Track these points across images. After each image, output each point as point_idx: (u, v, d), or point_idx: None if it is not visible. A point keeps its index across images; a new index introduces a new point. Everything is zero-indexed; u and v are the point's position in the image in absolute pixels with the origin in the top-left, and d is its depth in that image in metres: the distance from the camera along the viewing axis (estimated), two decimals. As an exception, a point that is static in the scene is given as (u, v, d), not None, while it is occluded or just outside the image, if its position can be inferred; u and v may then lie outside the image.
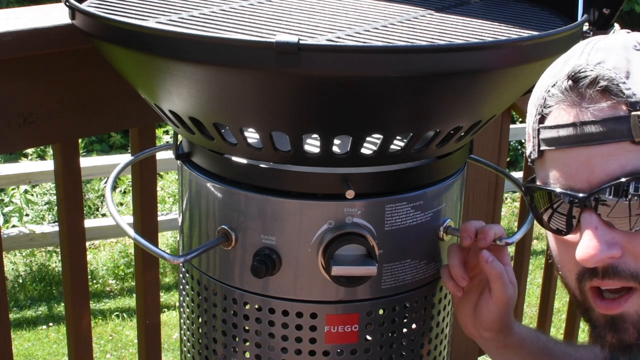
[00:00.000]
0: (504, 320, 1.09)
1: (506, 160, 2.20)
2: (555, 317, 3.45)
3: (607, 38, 0.86)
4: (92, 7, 1.04)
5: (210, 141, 0.99)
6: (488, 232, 1.04)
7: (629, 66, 0.81)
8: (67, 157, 1.43)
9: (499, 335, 1.10)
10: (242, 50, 0.83)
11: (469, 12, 1.16)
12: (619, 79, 0.80)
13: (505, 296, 1.05)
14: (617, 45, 0.84)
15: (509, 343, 1.12)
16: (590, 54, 0.83)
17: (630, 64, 0.82)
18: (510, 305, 1.07)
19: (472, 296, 1.10)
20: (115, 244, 4.32)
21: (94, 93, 1.36)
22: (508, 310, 1.08)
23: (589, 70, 0.81)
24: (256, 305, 1.05)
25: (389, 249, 1.02)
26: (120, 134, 5.73)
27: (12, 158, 4.77)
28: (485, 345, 1.14)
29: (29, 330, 3.60)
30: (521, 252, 2.30)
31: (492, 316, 1.08)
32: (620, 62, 0.82)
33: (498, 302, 1.06)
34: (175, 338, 3.47)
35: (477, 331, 1.11)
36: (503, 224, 4.65)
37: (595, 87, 0.81)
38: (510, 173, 1.36)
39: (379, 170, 0.99)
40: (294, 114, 0.92)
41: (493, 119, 1.07)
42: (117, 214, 1.08)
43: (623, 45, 0.84)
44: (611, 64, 0.82)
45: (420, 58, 0.86)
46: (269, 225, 1.01)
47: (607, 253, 0.82)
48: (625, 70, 0.81)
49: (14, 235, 3.87)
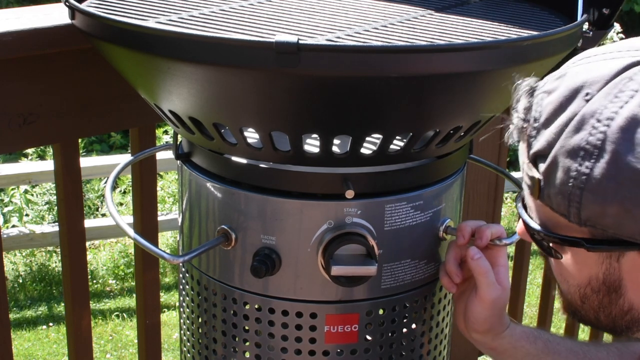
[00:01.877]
0: (490, 322, 1.07)
1: (506, 160, 2.19)
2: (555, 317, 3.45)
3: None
4: (92, 7, 1.04)
5: (210, 141, 0.99)
6: (484, 232, 1.04)
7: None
8: (67, 157, 1.43)
9: (486, 336, 1.09)
10: (242, 50, 0.83)
11: (469, 12, 1.16)
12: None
13: (489, 296, 1.04)
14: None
15: (497, 346, 1.10)
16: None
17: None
18: (495, 306, 1.05)
19: (466, 295, 1.10)
20: (115, 244, 4.32)
21: (94, 93, 1.36)
22: (494, 312, 1.06)
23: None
24: (256, 305, 1.05)
25: (389, 249, 1.02)
26: (120, 134, 5.73)
27: (12, 158, 4.77)
28: (477, 346, 1.14)
29: (29, 330, 3.60)
30: (521, 252, 2.30)
31: (477, 316, 1.07)
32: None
33: (482, 302, 1.05)
34: (175, 338, 3.47)
35: (468, 332, 1.10)
36: (503, 224, 4.65)
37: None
38: (510, 173, 1.36)
39: (378, 170, 0.99)
40: (294, 114, 0.92)
41: (493, 119, 1.07)
42: (117, 214, 1.08)
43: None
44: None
45: (420, 58, 0.86)
46: (268, 225, 1.01)
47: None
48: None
49: (14, 235, 3.87)
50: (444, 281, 1.08)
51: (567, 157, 0.76)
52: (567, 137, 0.76)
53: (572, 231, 0.80)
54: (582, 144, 0.75)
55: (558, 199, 0.78)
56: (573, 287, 0.87)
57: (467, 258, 1.04)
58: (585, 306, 0.87)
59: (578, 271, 0.85)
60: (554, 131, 0.78)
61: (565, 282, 0.89)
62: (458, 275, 1.06)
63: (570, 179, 0.76)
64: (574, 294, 0.87)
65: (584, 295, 0.86)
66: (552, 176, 0.78)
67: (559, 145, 0.77)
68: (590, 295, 0.85)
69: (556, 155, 0.77)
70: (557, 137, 0.77)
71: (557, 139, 0.77)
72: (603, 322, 0.87)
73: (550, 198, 0.79)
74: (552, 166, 0.78)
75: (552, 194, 0.79)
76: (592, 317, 0.88)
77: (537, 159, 0.80)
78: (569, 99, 0.77)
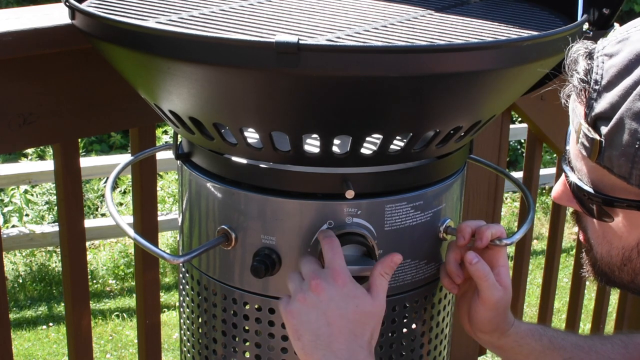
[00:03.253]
0: (495, 322, 1.08)
1: (506, 160, 2.20)
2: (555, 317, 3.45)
3: None
4: (92, 7, 1.04)
5: (210, 141, 0.99)
6: (485, 233, 1.04)
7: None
8: (67, 157, 1.43)
9: (492, 336, 1.10)
10: (242, 50, 0.83)
11: (468, 12, 1.16)
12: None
13: (492, 298, 1.05)
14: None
15: (503, 344, 1.11)
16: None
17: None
18: (498, 307, 1.06)
19: (469, 296, 1.10)
20: (115, 244, 4.32)
21: (94, 93, 1.36)
22: (498, 313, 1.07)
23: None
24: (256, 305, 1.05)
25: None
26: (120, 134, 5.73)
27: (12, 158, 4.77)
28: (484, 344, 1.14)
29: (29, 330, 3.60)
30: (521, 252, 2.30)
31: (482, 317, 1.07)
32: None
33: (485, 304, 1.05)
34: (175, 338, 3.47)
35: (473, 331, 1.11)
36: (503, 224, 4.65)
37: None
38: (510, 173, 1.36)
39: (378, 170, 0.99)
40: (294, 114, 0.92)
41: (493, 119, 1.06)
42: (117, 214, 1.08)
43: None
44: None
45: (420, 58, 0.85)
46: (268, 225, 1.01)
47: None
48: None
49: (14, 235, 3.88)
50: (445, 282, 1.08)
51: (634, 119, 0.76)
52: (634, 100, 0.77)
53: (628, 193, 0.80)
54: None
55: (621, 161, 0.78)
56: (616, 249, 0.87)
57: (466, 263, 1.04)
58: (625, 268, 0.87)
59: (627, 233, 0.85)
60: (618, 94, 0.78)
61: (608, 244, 0.88)
62: (459, 275, 1.06)
63: (636, 142, 0.76)
64: (615, 256, 0.88)
65: (627, 258, 0.86)
66: (616, 138, 0.78)
67: (625, 108, 0.77)
68: (634, 258, 0.85)
69: (622, 117, 0.77)
70: (622, 100, 0.78)
71: (623, 102, 0.77)
72: (639, 284, 0.88)
73: (611, 160, 0.79)
74: (616, 128, 0.78)
75: (613, 156, 0.79)
76: (628, 279, 0.88)
77: (597, 121, 0.80)
78: (635, 63, 0.78)
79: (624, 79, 0.78)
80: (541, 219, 4.81)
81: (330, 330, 0.93)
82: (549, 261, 2.37)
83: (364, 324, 0.94)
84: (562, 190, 0.91)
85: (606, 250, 0.89)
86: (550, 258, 2.36)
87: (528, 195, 1.24)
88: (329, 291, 0.93)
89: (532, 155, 2.23)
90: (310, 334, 0.93)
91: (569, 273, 3.86)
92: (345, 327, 0.93)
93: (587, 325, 3.29)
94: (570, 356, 1.14)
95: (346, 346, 0.92)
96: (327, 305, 0.93)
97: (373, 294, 0.95)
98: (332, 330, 0.93)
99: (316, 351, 0.93)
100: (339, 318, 0.93)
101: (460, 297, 1.11)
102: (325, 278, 0.94)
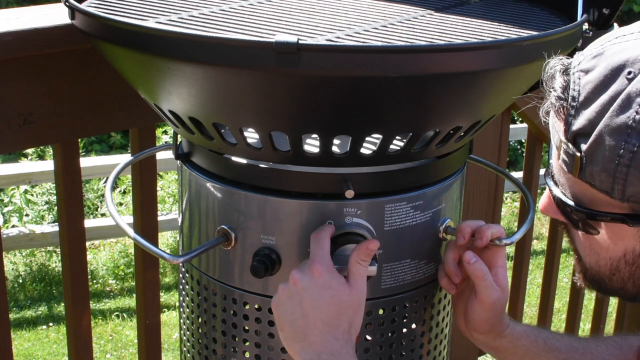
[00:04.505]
0: (491, 323, 1.08)
1: (506, 160, 2.20)
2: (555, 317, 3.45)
3: None
4: (92, 7, 1.04)
5: (210, 141, 0.99)
6: (484, 232, 1.04)
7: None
8: (67, 157, 1.43)
9: (487, 337, 1.10)
10: (242, 50, 0.83)
11: (468, 12, 1.16)
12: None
13: (489, 299, 1.05)
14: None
15: (499, 345, 1.11)
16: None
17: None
18: (495, 308, 1.06)
19: (466, 295, 1.10)
20: (115, 244, 4.32)
21: (94, 93, 1.36)
22: (494, 313, 1.07)
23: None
24: (256, 305, 1.05)
25: (389, 249, 1.02)
26: (120, 134, 5.73)
27: (12, 158, 4.78)
28: (478, 345, 1.14)
29: (29, 330, 3.60)
30: (521, 252, 2.30)
31: (478, 317, 1.07)
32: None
33: (482, 304, 1.06)
34: (175, 338, 3.47)
35: (469, 332, 1.11)
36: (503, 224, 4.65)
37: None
38: (510, 173, 1.36)
39: (378, 170, 0.99)
40: (294, 114, 0.92)
41: (493, 119, 1.07)
42: (117, 214, 1.08)
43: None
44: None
45: (420, 58, 0.86)
46: (268, 225, 1.01)
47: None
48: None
49: (14, 235, 3.87)
50: (443, 282, 1.08)
51: (612, 135, 0.77)
52: (612, 116, 0.77)
53: (611, 207, 0.81)
54: (629, 122, 0.76)
55: (602, 177, 0.78)
56: (604, 260, 0.88)
57: (464, 263, 1.04)
58: (614, 278, 0.88)
59: (613, 244, 0.85)
60: (595, 110, 0.78)
61: (595, 255, 0.89)
62: (457, 275, 1.06)
63: (616, 157, 0.76)
64: (603, 267, 0.88)
65: (615, 268, 0.87)
66: (596, 154, 0.78)
67: (604, 124, 0.77)
68: (622, 268, 0.86)
69: (600, 133, 0.78)
70: (600, 117, 0.78)
71: (601, 118, 0.78)
72: (630, 290, 0.88)
73: (592, 175, 0.80)
74: (595, 144, 0.78)
75: (595, 172, 0.79)
76: (618, 287, 0.89)
77: (577, 137, 0.81)
78: (611, 78, 0.78)
79: (601, 95, 0.78)
80: (541, 219, 4.81)
81: (306, 322, 0.94)
82: (549, 261, 2.37)
83: (339, 314, 0.94)
84: (548, 202, 0.91)
85: (594, 260, 0.90)
86: (550, 258, 2.36)
87: (528, 195, 1.24)
88: (303, 282, 0.94)
89: (532, 155, 2.23)
90: (289, 325, 0.95)
91: (569, 273, 3.86)
92: (319, 319, 0.94)
93: (587, 325, 3.29)
94: (565, 357, 1.14)
95: (321, 338, 0.93)
96: (302, 297, 0.94)
97: (350, 282, 0.96)
98: (308, 321, 0.94)
99: (295, 343, 0.95)
100: (313, 309, 0.94)
101: (457, 297, 1.11)
102: (303, 270, 0.95)
